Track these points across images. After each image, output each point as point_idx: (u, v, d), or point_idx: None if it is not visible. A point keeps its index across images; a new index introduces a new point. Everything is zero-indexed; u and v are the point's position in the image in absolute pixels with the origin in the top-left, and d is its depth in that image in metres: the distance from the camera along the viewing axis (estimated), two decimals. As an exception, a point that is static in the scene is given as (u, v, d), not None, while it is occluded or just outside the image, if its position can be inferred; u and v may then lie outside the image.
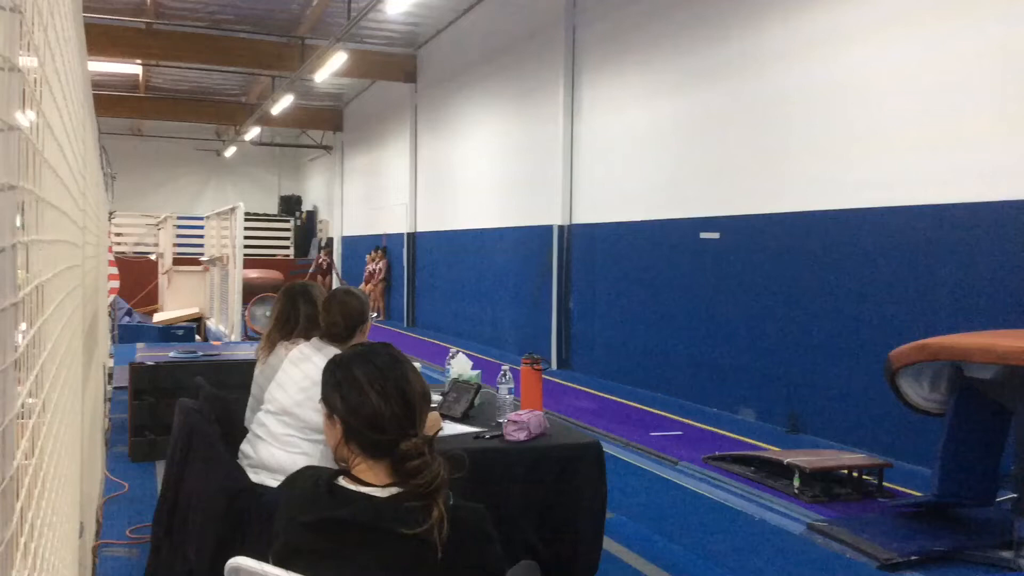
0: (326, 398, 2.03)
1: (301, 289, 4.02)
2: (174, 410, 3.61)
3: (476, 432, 3.85)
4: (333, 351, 3.41)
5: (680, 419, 9.12)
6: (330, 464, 2.93)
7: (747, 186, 9.23)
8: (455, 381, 4.39)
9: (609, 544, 4.73)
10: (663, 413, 9.46)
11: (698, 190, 10.03)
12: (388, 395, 1.95)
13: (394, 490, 1.90)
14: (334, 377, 2.03)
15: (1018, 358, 4.78)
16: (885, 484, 6.35)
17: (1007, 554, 4.87)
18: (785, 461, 6.42)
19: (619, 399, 10.30)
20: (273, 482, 3.15)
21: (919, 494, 6.03)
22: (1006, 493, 5.36)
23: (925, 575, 4.78)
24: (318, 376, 3.34)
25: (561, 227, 12.82)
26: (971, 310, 6.65)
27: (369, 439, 1.94)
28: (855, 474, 6.41)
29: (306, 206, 30.14)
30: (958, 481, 5.45)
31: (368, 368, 2.01)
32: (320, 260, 21.35)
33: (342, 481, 1.94)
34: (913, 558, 4.91)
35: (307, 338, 3.67)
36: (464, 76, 16.72)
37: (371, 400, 1.96)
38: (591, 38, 12.35)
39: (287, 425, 3.30)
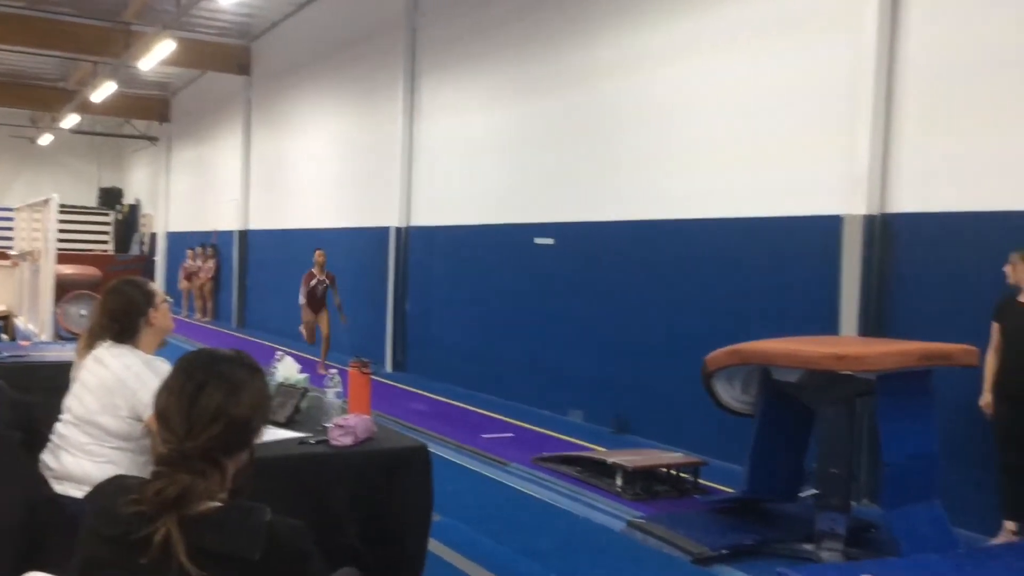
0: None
1: (131, 285, 3.76)
2: (-31, 416, 3.35)
3: (301, 437, 3.77)
4: (123, 351, 3.24)
5: (512, 421, 9.27)
6: (141, 472, 2.80)
7: (580, 194, 9.48)
8: (280, 385, 4.29)
9: (435, 546, 4.73)
10: (496, 415, 9.57)
11: (534, 196, 10.23)
12: (181, 395, 1.88)
13: (210, 504, 1.83)
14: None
15: (819, 363, 5.14)
16: (701, 481, 6.69)
17: (809, 546, 5.22)
18: (608, 461, 6.65)
19: (453, 402, 10.35)
20: (78, 493, 2.97)
21: (731, 490, 6.37)
22: (809, 489, 5.74)
23: (734, 568, 5.05)
24: (112, 382, 3.19)
25: (398, 229, 12.76)
26: (780, 317, 7.08)
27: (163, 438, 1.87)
28: (673, 472, 6.71)
29: (128, 199, 28.67)
30: (766, 478, 5.81)
31: (182, 364, 1.94)
32: (315, 283, 12.37)
33: None
34: (723, 552, 5.19)
35: None
36: (301, 71, 16.37)
37: (163, 394, 1.90)
38: (431, 41, 12.36)
39: (88, 435, 3.12)
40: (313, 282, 11.70)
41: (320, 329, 11.80)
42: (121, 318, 3.30)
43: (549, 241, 9.89)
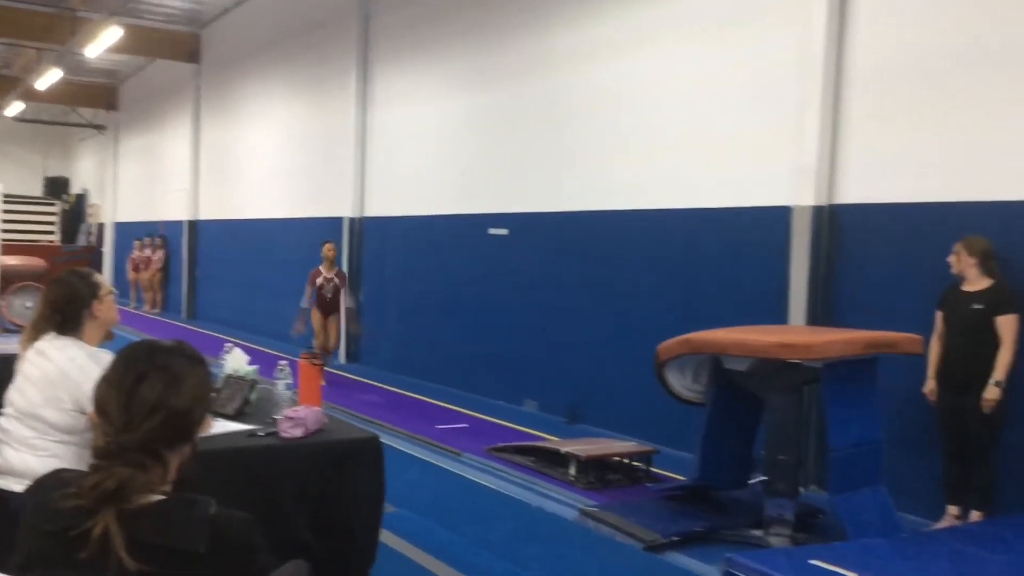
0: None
1: (75, 276, 3.68)
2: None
3: (250, 430, 3.73)
4: (67, 343, 3.18)
5: (467, 412, 9.26)
6: (84, 466, 2.75)
7: (535, 184, 9.49)
8: (229, 377, 4.25)
9: (388, 537, 4.73)
10: (450, 406, 9.56)
11: (488, 186, 10.21)
12: (121, 386, 1.84)
13: (152, 497, 1.80)
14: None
15: (767, 351, 5.21)
16: (653, 470, 6.75)
17: (758, 532, 5.30)
18: (562, 450, 6.68)
19: (407, 393, 10.31)
20: (19, 487, 2.91)
21: (682, 478, 6.44)
22: (758, 476, 5.82)
23: (685, 554, 5.11)
24: (55, 375, 3.13)
25: (352, 219, 12.66)
26: (731, 306, 7.16)
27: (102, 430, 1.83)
28: (626, 461, 6.76)
29: (75, 189, 28.07)
30: (716, 466, 5.88)
31: (122, 355, 1.90)
32: (321, 282, 10.58)
33: None
34: (674, 538, 5.25)
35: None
36: (252, 59, 16.15)
37: (102, 386, 1.86)
38: (384, 29, 12.27)
39: (32, 428, 3.06)
40: (319, 280, 10.43)
41: (329, 336, 10.51)
42: (64, 309, 3.24)
43: (503, 232, 9.89)
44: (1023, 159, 5.55)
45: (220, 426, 3.70)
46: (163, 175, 20.88)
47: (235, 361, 4.41)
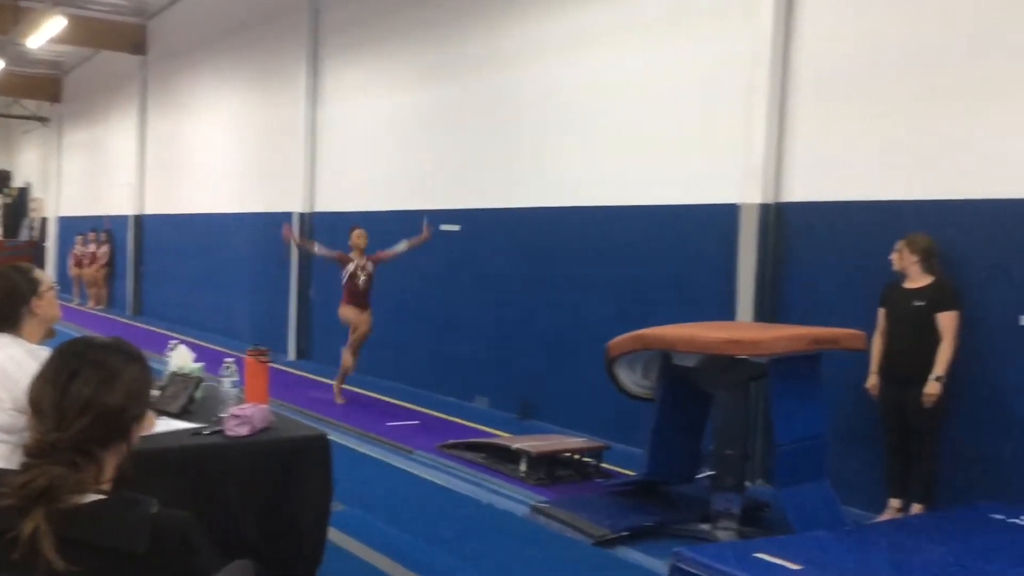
0: None
1: (15, 271, 3.59)
2: None
3: (195, 428, 3.68)
4: (6, 341, 3.11)
5: (418, 408, 9.24)
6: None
7: (486, 180, 9.48)
8: (175, 374, 4.18)
9: (337, 536, 4.70)
10: (402, 403, 9.53)
11: (440, 182, 10.18)
12: (55, 384, 1.80)
13: (90, 497, 1.76)
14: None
15: (716, 348, 5.27)
16: (603, 465, 6.79)
17: (705, 526, 5.36)
18: (513, 447, 6.69)
19: (359, 390, 10.22)
20: (-46, 488, 2.84)
21: (632, 473, 6.48)
22: (706, 471, 5.89)
23: (634, 549, 5.16)
24: None
25: (302, 215, 12.54)
26: (680, 303, 7.23)
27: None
28: (576, 457, 6.80)
29: (17, 182, 27.43)
30: (665, 461, 5.94)
31: (57, 352, 1.86)
32: (354, 269, 9.50)
33: None
34: (624, 533, 5.29)
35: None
36: (200, 52, 15.89)
37: (36, 383, 1.81)
38: (335, 23, 12.16)
39: (-30, 427, 2.98)
40: (352, 267, 9.32)
41: (358, 330, 9.41)
42: (2, 305, 3.17)
43: (455, 228, 9.86)
44: (964, 158, 5.68)
45: (164, 424, 3.64)
46: (108, 169, 20.48)
47: (180, 358, 4.34)
